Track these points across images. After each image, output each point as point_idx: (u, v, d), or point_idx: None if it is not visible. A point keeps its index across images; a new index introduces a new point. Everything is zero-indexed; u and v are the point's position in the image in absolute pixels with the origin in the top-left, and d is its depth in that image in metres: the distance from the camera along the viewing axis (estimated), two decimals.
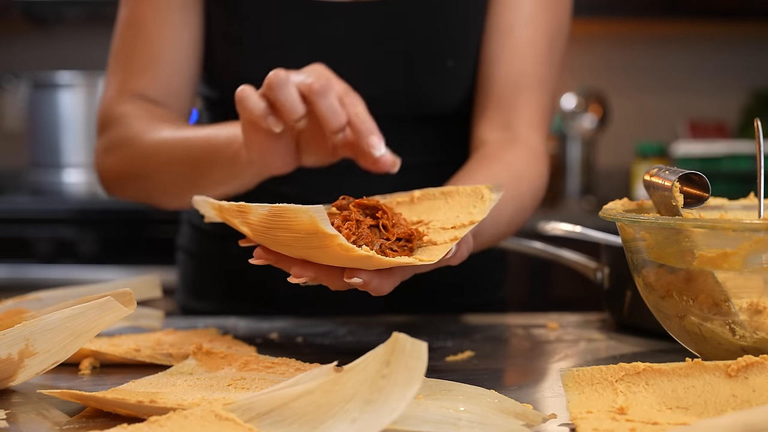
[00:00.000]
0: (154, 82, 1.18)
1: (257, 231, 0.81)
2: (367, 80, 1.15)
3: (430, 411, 0.67)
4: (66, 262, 2.64)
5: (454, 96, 1.19)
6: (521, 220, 1.10)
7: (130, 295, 0.81)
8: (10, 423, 0.72)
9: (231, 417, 0.63)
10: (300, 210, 0.76)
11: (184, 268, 1.34)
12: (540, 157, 1.14)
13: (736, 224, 0.78)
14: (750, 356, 0.72)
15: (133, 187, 1.18)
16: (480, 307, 1.28)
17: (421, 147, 1.21)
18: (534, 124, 1.16)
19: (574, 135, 3.05)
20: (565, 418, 0.72)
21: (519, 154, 1.12)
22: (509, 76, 1.16)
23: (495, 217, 0.99)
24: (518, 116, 1.15)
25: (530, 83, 1.16)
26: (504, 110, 1.15)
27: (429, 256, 0.82)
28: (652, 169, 0.89)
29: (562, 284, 2.55)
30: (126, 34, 1.20)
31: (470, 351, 0.98)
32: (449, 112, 1.19)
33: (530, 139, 1.14)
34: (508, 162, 1.10)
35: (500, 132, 1.15)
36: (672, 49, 3.26)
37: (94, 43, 2.97)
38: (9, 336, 0.77)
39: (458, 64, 1.18)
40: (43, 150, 2.93)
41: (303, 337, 1.06)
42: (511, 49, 1.16)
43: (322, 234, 0.76)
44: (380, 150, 0.93)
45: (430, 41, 1.17)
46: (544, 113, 1.17)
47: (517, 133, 1.14)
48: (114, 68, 1.21)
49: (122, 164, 1.16)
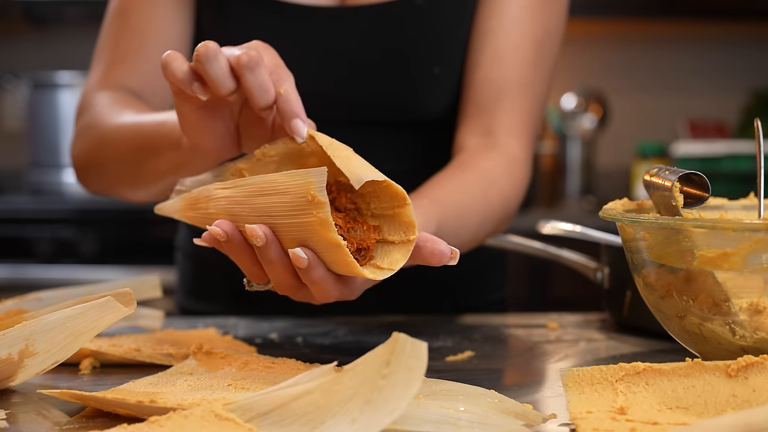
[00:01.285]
0: (135, 73, 1.16)
1: (235, 200, 0.80)
2: (352, 85, 1.15)
3: (430, 411, 0.67)
4: (66, 262, 2.64)
5: (440, 102, 1.17)
6: (490, 228, 1.08)
7: (130, 295, 0.81)
8: (10, 423, 0.72)
9: (231, 417, 0.63)
10: (300, 172, 0.76)
11: (183, 269, 1.34)
12: (518, 165, 1.11)
13: (736, 224, 0.78)
14: (750, 356, 0.72)
15: (95, 177, 1.15)
16: (480, 308, 1.28)
17: (404, 153, 1.19)
18: (515, 131, 1.13)
19: (574, 135, 3.06)
20: (565, 418, 0.72)
21: (495, 161, 1.09)
22: (490, 81, 1.14)
23: (459, 223, 0.99)
24: (499, 122, 1.12)
25: (513, 89, 1.13)
26: (484, 116, 1.13)
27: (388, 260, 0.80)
28: (652, 169, 0.89)
29: (562, 284, 2.55)
30: (114, 23, 1.18)
31: (470, 351, 0.98)
32: (434, 118, 1.18)
33: (510, 147, 1.12)
34: (481, 168, 1.07)
35: (480, 138, 1.12)
36: (672, 49, 3.26)
37: (94, 43, 2.97)
38: (9, 336, 0.77)
39: (445, 71, 1.16)
40: (43, 150, 2.93)
41: (303, 337, 1.06)
42: (492, 53, 1.14)
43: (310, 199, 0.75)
44: (302, 135, 0.87)
45: (417, 47, 1.16)
46: (526, 120, 1.14)
47: (497, 139, 1.12)
48: (98, 57, 1.19)
49: (84, 151, 1.14)
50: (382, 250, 0.81)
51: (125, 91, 1.16)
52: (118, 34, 1.18)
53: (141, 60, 1.16)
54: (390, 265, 0.80)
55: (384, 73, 1.16)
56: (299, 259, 0.78)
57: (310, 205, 0.76)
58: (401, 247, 0.81)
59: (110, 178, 1.13)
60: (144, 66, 1.16)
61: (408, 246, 0.80)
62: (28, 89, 2.93)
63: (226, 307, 1.25)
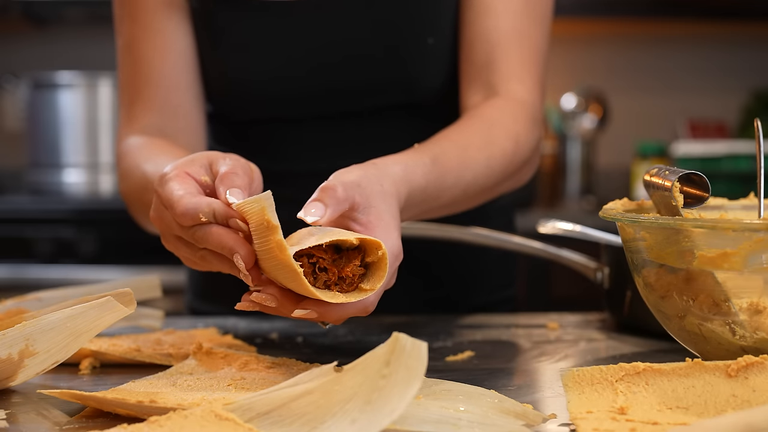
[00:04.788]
0: (150, 106, 1.17)
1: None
2: (348, 71, 1.15)
3: (430, 411, 0.67)
4: (66, 262, 2.63)
5: (437, 77, 1.17)
6: (500, 168, 1.06)
7: (130, 295, 0.81)
8: (10, 423, 0.72)
9: (231, 417, 0.63)
10: (252, 199, 0.77)
11: (191, 271, 1.34)
12: (524, 105, 1.11)
13: (736, 224, 0.78)
14: (750, 356, 0.72)
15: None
16: (490, 306, 1.29)
17: (411, 140, 1.20)
18: (515, 76, 1.12)
19: (574, 135, 3.06)
20: (565, 418, 0.72)
21: (497, 105, 1.09)
22: (482, 35, 1.13)
23: (460, 160, 0.99)
24: (496, 72, 1.12)
25: (507, 39, 1.13)
26: (482, 71, 1.13)
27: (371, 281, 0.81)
28: (652, 169, 0.89)
29: (562, 284, 2.55)
30: (124, 59, 1.20)
31: (470, 351, 0.98)
32: (432, 95, 1.18)
33: (511, 91, 1.11)
34: (482, 114, 1.07)
35: (482, 93, 1.13)
36: (672, 49, 3.26)
37: (94, 43, 2.98)
38: (9, 336, 0.77)
39: (438, 42, 1.16)
40: (43, 150, 2.93)
41: (303, 337, 1.06)
42: (480, 7, 1.14)
43: (266, 224, 0.76)
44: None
45: (408, 19, 1.15)
46: (526, 65, 1.14)
47: (498, 88, 1.12)
48: (120, 98, 1.22)
49: (126, 199, 1.16)
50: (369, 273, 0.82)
51: (150, 130, 1.16)
52: (129, 68, 1.19)
53: (154, 89, 1.18)
54: (371, 286, 0.80)
55: (379, 53, 1.15)
56: (303, 316, 0.80)
57: (267, 230, 0.77)
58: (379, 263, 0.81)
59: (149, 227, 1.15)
60: (158, 93, 1.18)
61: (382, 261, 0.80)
62: (28, 89, 2.92)
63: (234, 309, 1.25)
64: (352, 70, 1.15)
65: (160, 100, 1.18)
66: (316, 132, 1.19)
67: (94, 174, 2.89)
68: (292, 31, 1.15)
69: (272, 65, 1.16)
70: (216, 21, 1.16)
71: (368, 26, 1.15)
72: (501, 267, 1.33)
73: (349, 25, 1.15)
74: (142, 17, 1.18)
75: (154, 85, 1.18)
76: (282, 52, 1.16)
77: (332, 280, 0.79)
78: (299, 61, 1.15)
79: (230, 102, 1.20)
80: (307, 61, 1.15)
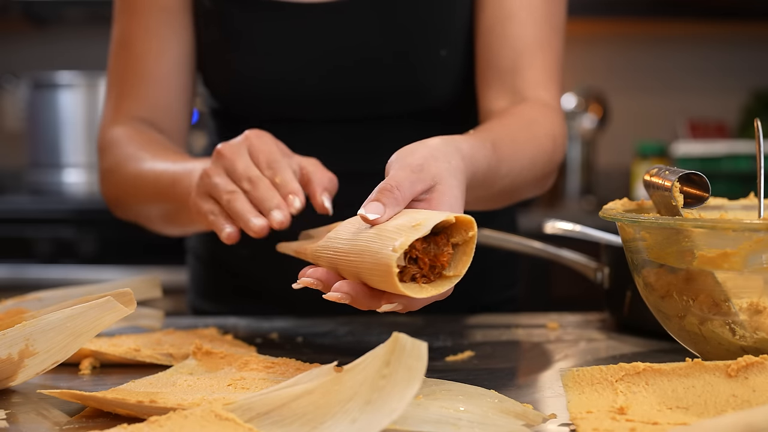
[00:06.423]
0: (142, 101, 1.19)
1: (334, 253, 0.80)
2: (361, 77, 1.15)
3: (430, 411, 0.67)
4: (66, 262, 2.63)
5: (448, 87, 1.18)
6: (543, 163, 1.08)
7: (130, 295, 0.81)
8: (10, 423, 0.72)
9: (231, 417, 0.63)
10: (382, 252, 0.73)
11: (194, 271, 1.34)
12: (553, 110, 1.13)
13: (736, 224, 0.78)
14: (750, 356, 0.72)
15: (126, 214, 1.20)
16: (493, 306, 1.29)
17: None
18: (541, 84, 1.14)
19: (574, 135, 3.05)
20: (565, 418, 0.72)
21: (531, 107, 1.11)
22: (507, 42, 1.14)
23: (513, 148, 0.99)
24: (523, 80, 1.14)
25: (530, 46, 1.14)
26: (507, 77, 1.14)
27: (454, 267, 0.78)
28: (652, 169, 0.89)
29: (562, 284, 2.55)
30: (117, 54, 1.21)
31: (470, 351, 0.98)
32: (443, 102, 1.19)
33: (540, 97, 1.13)
34: (519, 113, 1.08)
35: (508, 99, 1.13)
36: (672, 49, 3.26)
37: (94, 43, 2.97)
38: (9, 336, 0.77)
39: (451, 53, 1.17)
40: (43, 150, 2.93)
41: (303, 337, 1.06)
42: (504, 14, 1.15)
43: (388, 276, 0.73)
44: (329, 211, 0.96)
45: (422, 31, 1.16)
46: (551, 75, 1.16)
47: (526, 95, 1.13)
48: (108, 90, 1.23)
49: (112, 193, 1.18)
50: (453, 256, 0.78)
51: (138, 122, 1.18)
52: (122, 64, 1.20)
53: (146, 87, 1.19)
54: (456, 272, 0.77)
55: (388, 59, 1.16)
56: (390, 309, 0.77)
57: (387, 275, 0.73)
58: (465, 246, 0.78)
59: (140, 218, 1.18)
60: (149, 91, 1.19)
61: (470, 244, 0.77)
62: (28, 89, 2.92)
63: (237, 308, 1.26)
64: (363, 74, 1.15)
65: (151, 98, 1.19)
66: (326, 135, 1.19)
67: (94, 174, 2.89)
68: (306, 35, 1.16)
69: (287, 67, 1.16)
70: (232, 22, 1.17)
71: (379, 31, 1.15)
72: (504, 267, 1.33)
73: (362, 29, 1.15)
74: (142, 17, 1.18)
75: (145, 84, 1.19)
76: (297, 55, 1.16)
77: (424, 270, 0.76)
78: (313, 64, 1.15)
79: (242, 100, 1.20)
80: (321, 64, 1.15)
